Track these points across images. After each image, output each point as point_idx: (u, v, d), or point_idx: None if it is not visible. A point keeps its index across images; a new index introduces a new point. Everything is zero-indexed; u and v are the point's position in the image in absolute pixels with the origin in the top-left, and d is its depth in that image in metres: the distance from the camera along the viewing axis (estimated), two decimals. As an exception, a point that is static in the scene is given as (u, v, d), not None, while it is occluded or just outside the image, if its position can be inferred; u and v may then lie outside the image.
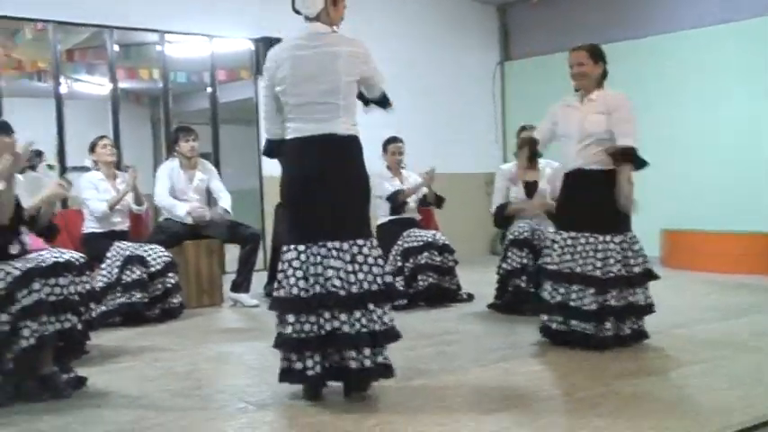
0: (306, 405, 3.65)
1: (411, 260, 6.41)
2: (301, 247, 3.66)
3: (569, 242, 4.73)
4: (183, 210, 6.73)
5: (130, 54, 10.08)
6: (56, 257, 4.01)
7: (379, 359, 3.65)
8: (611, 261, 4.62)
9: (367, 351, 3.56)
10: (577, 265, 4.65)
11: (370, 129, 4.36)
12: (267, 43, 9.25)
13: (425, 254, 6.45)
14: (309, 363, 3.60)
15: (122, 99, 9.08)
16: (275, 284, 3.75)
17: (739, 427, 3.22)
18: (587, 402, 3.55)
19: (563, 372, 4.23)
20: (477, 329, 5.47)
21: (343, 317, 3.56)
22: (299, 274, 3.62)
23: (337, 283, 3.57)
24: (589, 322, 4.57)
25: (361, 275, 3.61)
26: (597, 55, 4.88)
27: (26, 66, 10.80)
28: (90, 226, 6.38)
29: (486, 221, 7.46)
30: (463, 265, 6.96)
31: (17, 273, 3.77)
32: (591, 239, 4.67)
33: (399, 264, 6.43)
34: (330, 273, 3.59)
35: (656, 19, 9.87)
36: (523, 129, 6.21)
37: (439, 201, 7.08)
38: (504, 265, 6.03)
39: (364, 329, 3.56)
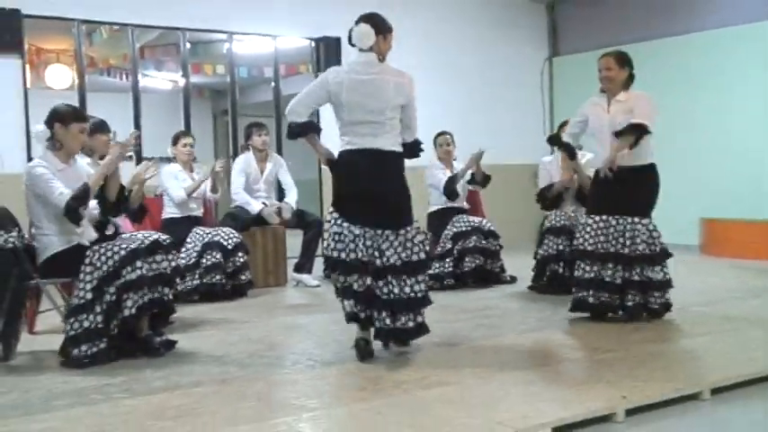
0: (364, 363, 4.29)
1: (459, 243, 7.02)
2: (360, 230, 4.31)
3: (601, 225, 5.27)
4: (256, 208, 7.39)
5: (197, 51, 10.79)
6: (151, 238, 4.69)
7: (419, 319, 4.35)
8: (638, 241, 5.19)
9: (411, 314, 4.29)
10: (610, 245, 5.19)
11: (426, 123, 4.99)
12: (326, 42, 9.96)
13: (473, 237, 7.05)
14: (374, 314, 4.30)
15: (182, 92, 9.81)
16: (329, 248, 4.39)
17: (738, 380, 3.80)
18: (605, 362, 4.14)
19: (587, 339, 4.80)
20: (516, 306, 6.08)
21: (395, 283, 4.24)
22: (360, 243, 4.30)
23: (393, 258, 4.25)
24: (616, 294, 5.15)
25: (406, 252, 4.30)
26: (623, 61, 5.38)
27: (98, 63, 11.62)
28: (169, 212, 7.09)
29: (531, 209, 8.01)
30: (508, 251, 7.54)
31: (123, 252, 4.45)
32: (621, 221, 5.23)
33: (449, 246, 7.03)
34: (388, 251, 4.28)
35: (703, 15, 10.18)
36: (563, 124, 6.73)
37: (485, 180, 7.60)
38: (541, 251, 6.60)
39: (412, 294, 4.25)
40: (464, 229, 7.09)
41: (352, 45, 4.58)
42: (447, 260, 7.00)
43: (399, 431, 3.14)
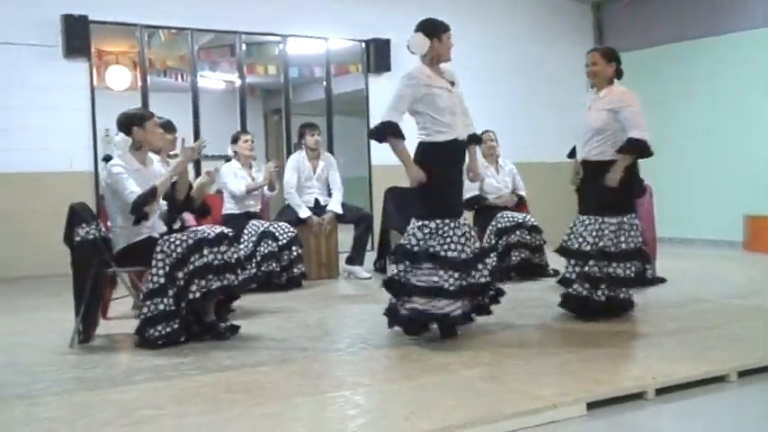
0: (411, 345, 4.65)
1: (504, 238, 7.33)
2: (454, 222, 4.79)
3: (578, 224, 5.48)
4: (304, 214, 7.75)
5: (251, 52, 11.17)
6: (216, 230, 5.08)
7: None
8: (605, 239, 5.27)
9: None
10: (577, 243, 5.39)
11: (477, 121, 5.31)
12: (376, 44, 10.31)
13: (517, 232, 7.36)
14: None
15: (237, 92, 10.22)
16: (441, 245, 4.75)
17: (763, 364, 4.07)
18: (638, 346, 4.46)
19: (622, 326, 5.09)
20: (556, 298, 6.32)
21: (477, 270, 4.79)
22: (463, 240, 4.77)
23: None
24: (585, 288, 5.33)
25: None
26: (609, 56, 5.47)
27: (156, 64, 12.09)
28: (229, 207, 7.49)
29: (574, 205, 8.21)
30: (553, 245, 7.78)
31: (191, 241, 4.85)
32: (590, 220, 5.38)
33: (494, 241, 7.33)
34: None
35: (746, 14, 10.32)
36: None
37: (521, 199, 7.99)
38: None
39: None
40: (508, 225, 7.40)
41: (412, 52, 4.91)
42: (492, 255, 7.28)
43: (444, 403, 3.47)
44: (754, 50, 10.13)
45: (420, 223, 4.80)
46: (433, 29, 4.87)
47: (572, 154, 5.82)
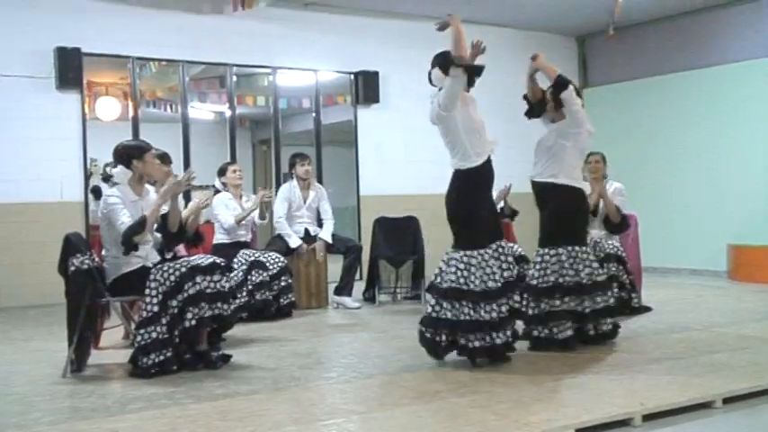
0: (402, 373, 4.72)
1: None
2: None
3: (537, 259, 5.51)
4: (294, 243, 7.82)
5: (240, 83, 11.28)
6: (209, 259, 5.14)
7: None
8: (549, 272, 5.35)
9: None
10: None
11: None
12: (364, 75, 10.46)
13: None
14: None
15: (227, 122, 10.32)
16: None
17: (747, 391, 4.18)
18: (626, 374, 4.52)
19: (611, 354, 5.15)
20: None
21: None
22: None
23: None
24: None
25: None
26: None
27: (146, 95, 12.18)
28: (219, 237, 7.54)
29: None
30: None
31: (184, 269, 4.91)
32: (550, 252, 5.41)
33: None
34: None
35: (725, 48, 10.56)
36: (590, 155, 7.06)
37: (513, 213, 8.05)
38: None
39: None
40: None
41: (433, 85, 5.07)
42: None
43: (436, 430, 3.54)
44: (736, 82, 10.34)
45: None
46: (448, 63, 4.94)
47: None
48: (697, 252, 10.62)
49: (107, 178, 7.57)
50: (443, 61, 4.96)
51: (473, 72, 4.94)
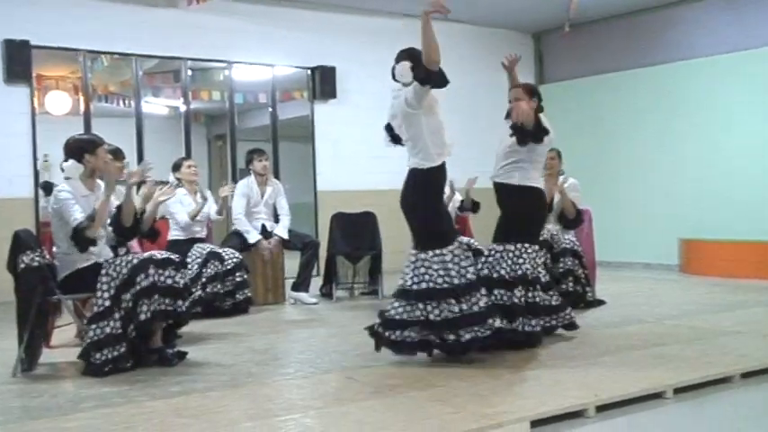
0: (360, 368, 4.72)
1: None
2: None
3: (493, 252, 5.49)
4: (253, 238, 7.79)
5: (195, 77, 11.17)
6: (163, 254, 5.08)
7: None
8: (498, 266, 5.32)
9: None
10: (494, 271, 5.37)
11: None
12: (321, 71, 10.43)
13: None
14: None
15: (182, 118, 10.22)
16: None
17: (697, 381, 4.25)
18: (580, 366, 4.57)
19: (565, 347, 5.19)
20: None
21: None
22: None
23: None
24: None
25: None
26: (531, 92, 5.62)
27: (98, 89, 12.00)
28: (174, 234, 7.47)
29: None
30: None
31: (136, 261, 4.85)
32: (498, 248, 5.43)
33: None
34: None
35: (678, 46, 10.75)
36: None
37: (475, 206, 8.11)
38: None
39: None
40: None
41: (396, 80, 4.97)
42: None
43: (394, 424, 3.54)
44: (690, 79, 10.53)
45: None
46: (419, 56, 4.88)
47: None
48: (649, 246, 10.78)
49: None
50: (412, 59, 4.90)
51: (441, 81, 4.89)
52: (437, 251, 4.78)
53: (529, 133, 5.32)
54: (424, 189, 4.92)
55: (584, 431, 3.66)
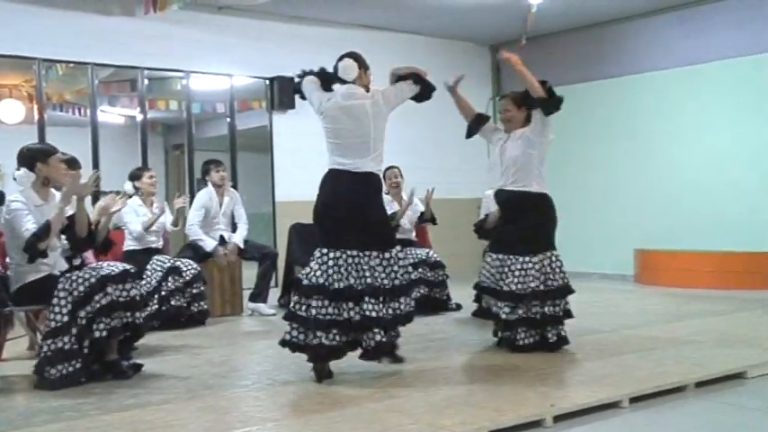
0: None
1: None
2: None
3: (496, 263, 5.55)
4: (210, 246, 7.73)
5: (152, 87, 11.07)
6: (120, 267, 5.01)
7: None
8: (530, 278, 5.34)
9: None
10: (504, 283, 5.43)
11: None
12: (280, 81, 10.39)
13: (419, 270, 7.48)
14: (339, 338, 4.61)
15: (139, 127, 10.11)
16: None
17: (653, 391, 4.32)
18: (538, 377, 4.61)
19: (522, 358, 5.19)
20: (460, 331, 6.56)
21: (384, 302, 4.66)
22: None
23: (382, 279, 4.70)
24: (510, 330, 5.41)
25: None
26: (520, 101, 5.65)
27: (53, 98, 11.85)
28: (129, 244, 7.37)
29: (477, 241, 8.45)
30: (455, 280, 7.99)
31: (94, 279, 4.77)
32: (511, 259, 5.44)
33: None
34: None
35: (632, 60, 10.90)
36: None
37: (434, 218, 8.12)
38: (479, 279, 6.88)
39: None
40: (410, 261, 7.52)
41: (338, 78, 4.98)
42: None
43: (353, 436, 3.54)
44: (643, 93, 10.69)
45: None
46: (363, 61, 5.02)
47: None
48: (606, 257, 10.90)
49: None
50: (361, 59, 5.02)
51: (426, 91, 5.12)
52: (394, 252, 4.76)
53: (550, 102, 5.44)
54: (376, 193, 4.92)
55: (541, 441, 3.69)
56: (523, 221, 5.49)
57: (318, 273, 4.62)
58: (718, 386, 4.57)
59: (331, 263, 4.64)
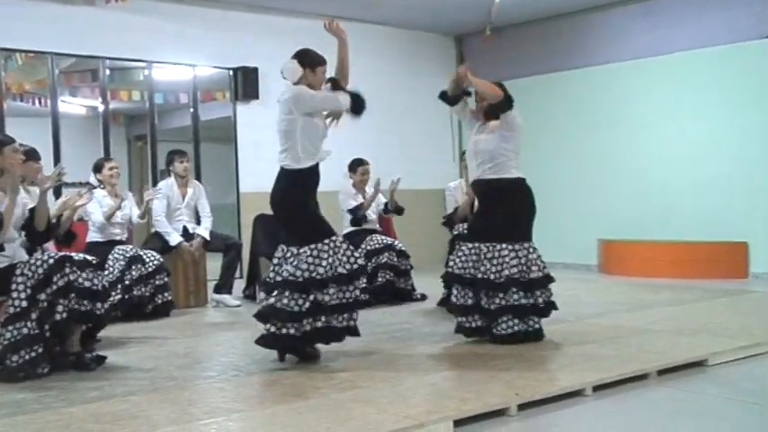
0: (283, 371, 4.70)
1: (373, 260, 7.48)
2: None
3: (473, 251, 5.51)
4: (175, 240, 7.67)
5: (114, 77, 10.94)
6: (80, 256, 4.95)
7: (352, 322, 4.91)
8: (506, 266, 5.36)
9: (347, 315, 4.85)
10: (478, 271, 5.43)
11: (342, 150, 5.38)
12: (243, 71, 10.33)
13: (386, 254, 7.55)
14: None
15: (100, 118, 9.99)
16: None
17: (616, 379, 4.37)
18: (502, 366, 4.65)
19: (487, 347, 5.25)
20: (425, 321, 6.57)
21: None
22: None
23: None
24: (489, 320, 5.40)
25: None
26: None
27: (12, 88, 11.66)
28: (92, 236, 7.28)
29: (441, 232, 8.49)
30: (419, 271, 8.03)
31: (52, 261, 4.72)
32: (489, 247, 5.44)
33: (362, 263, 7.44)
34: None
35: (596, 51, 10.98)
36: (464, 153, 7.20)
37: (399, 209, 8.13)
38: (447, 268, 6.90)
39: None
40: (377, 246, 7.56)
41: (285, 78, 5.00)
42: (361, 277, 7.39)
43: (317, 426, 3.54)
44: (606, 83, 10.78)
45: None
46: (308, 60, 5.01)
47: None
48: (569, 247, 10.99)
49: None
50: (306, 59, 5.03)
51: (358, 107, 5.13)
52: (302, 248, 4.85)
53: (501, 103, 5.46)
54: (287, 189, 5.03)
55: (506, 430, 3.71)
56: (500, 210, 5.52)
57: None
58: (680, 374, 4.64)
59: None
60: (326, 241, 4.88)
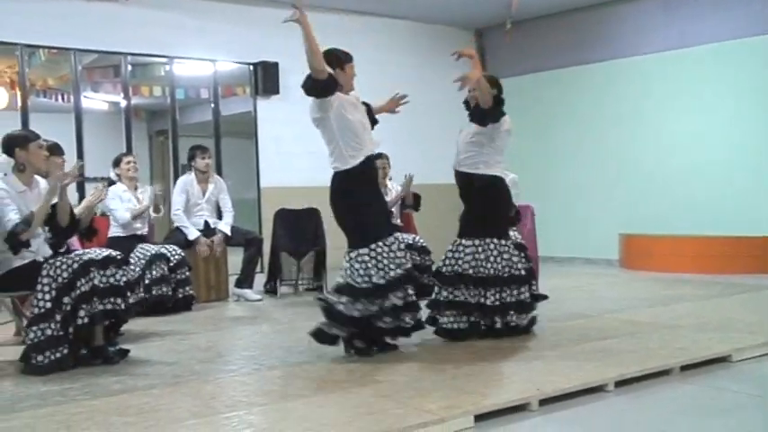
0: (304, 365, 4.72)
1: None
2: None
3: (460, 248, 5.48)
4: (192, 235, 7.72)
5: (135, 73, 11.01)
6: (103, 253, 4.99)
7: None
8: (459, 261, 5.37)
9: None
10: (460, 268, 5.41)
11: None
12: (264, 66, 10.36)
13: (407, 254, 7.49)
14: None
15: (122, 113, 10.05)
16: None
17: (637, 374, 4.34)
18: (523, 360, 4.65)
19: (508, 341, 5.22)
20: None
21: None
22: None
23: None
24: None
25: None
26: (490, 83, 5.57)
27: (36, 84, 11.77)
28: (114, 231, 7.34)
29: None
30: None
31: (77, 265, 4.75)
32: (475, 242, 5.41)
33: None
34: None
35: (621, 44, 10.92)
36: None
37: (417, 202, 8.11)
38: None
39: None
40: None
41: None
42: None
43: (338, 420, 3.55)
44: (628, 77, 10.73)
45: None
46: (336, 60, 4.95)
47: None
48: (590, 242, 10.96)
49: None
50: (334, 60, 4.98)
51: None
52: (361, 251, 4.82)
53: (488, 112, 5.40)
54: (342, 191, 4.99)
55: (527, 425, 3.70)
56: (470, 204, 5.56)
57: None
58: (702, 370, 4.61)
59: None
60: (373, 246, 4.83)
